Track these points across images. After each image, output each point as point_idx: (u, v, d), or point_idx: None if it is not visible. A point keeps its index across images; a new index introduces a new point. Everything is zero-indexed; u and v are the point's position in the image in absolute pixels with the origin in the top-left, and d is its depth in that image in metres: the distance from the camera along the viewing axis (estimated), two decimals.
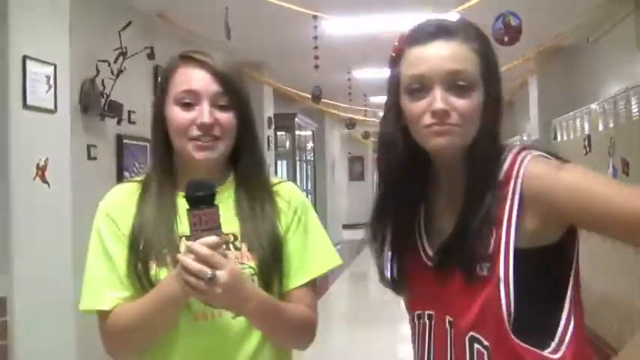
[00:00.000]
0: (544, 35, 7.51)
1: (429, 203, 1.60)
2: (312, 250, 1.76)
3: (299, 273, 1.73)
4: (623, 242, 1.37)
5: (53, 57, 4.04)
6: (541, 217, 1.41)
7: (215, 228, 1.48)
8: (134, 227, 1.67)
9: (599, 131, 6.36)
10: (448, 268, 1.48)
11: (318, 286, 1.85)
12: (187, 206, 1.50)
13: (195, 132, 1.64)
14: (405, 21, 5.99)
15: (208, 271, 1.44)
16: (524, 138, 10.42)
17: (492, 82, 1.47)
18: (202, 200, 1.49)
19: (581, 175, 1.41)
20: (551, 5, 6.77)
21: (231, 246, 1.67)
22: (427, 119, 1.43)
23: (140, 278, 1.63)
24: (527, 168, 1.42)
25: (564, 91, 8.78)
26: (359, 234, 1.83)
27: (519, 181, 1.42)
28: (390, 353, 6.89)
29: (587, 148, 6.74)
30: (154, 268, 1.63)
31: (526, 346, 1.39)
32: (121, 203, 1.72)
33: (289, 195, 1.80)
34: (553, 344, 1.41)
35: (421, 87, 1.44)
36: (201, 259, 1.45)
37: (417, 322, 1.59)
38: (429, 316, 1.55)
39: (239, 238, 1.69)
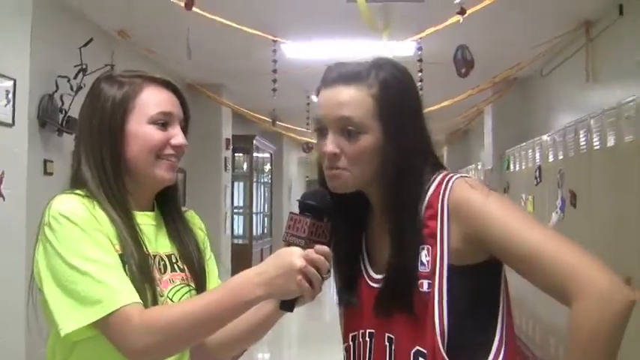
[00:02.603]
0: (499, 66, 7.66)
1: (370, 229, 1.68)
2: (215, 269, 1.88)
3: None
4: (544, 291, 1.39)
5: (13, 72, 4.06)
6: (465, 238, 1.46)
7: (326, 243, 1.51)
8: (122, 244, 1.57)
9: (550, 162, 6.47)
10: (390, 289, 1.53)
11: None
12: (299, 210, 1.52)
13: (169, 151, 1.68)
14: (362, 48, 6.12)
15: (329, 268, 1.49)
16: (479, 167, 10.55)
17: (394, 122, 1.52)
18: (313, 210, 1.52)
19: (505, 208, 1.45)
20: (506, 38, 6.95)
21: (175, 266, 1.72)
22: (325, 160, 1.55)
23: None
24: (453, 189, 1.48)
25: (518, 122, 8.96)
26: None
27: (446, 201, 1.47)
28: None
29: (538, 179, 6.87)
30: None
31: None
32: (91, 213, 1.59)
33: (196, 219, 1.91)
34: None
35: (321, 129, 1.56)
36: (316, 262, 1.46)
37: (360, 341, 1.62)
38: (370, 335, 1.59)
39: (178, 260, 1.74)
